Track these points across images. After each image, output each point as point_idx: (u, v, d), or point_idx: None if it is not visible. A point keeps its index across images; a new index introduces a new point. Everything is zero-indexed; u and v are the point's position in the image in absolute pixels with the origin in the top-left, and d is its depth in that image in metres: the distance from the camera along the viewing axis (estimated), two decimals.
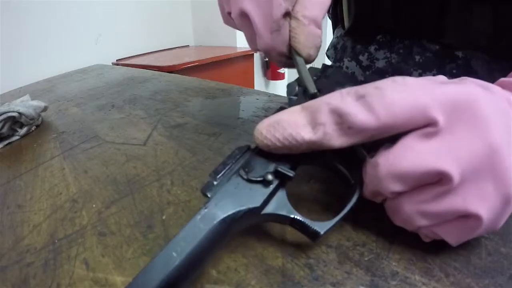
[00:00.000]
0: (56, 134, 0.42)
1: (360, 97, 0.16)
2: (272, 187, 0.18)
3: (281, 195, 0.18)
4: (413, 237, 0.19)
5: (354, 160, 0.19)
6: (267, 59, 2.02)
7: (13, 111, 0.41)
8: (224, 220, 0.16)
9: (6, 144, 0.41)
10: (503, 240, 0.18)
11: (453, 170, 0.15)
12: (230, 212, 0.17)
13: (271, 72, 2.04)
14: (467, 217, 0.16)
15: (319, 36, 0.24)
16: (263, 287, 0.16)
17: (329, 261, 0.18)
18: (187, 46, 1.94)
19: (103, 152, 0.34)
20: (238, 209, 0.17)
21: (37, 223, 0.24)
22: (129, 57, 1.59)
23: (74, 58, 1.20)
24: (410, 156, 0.15)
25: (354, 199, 0.19)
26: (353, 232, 0.19)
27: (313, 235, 0.18)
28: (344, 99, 0.17)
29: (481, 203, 0.15)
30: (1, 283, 0.19)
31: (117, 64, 1.41)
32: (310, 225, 0.17)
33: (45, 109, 0.48)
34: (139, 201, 0.25)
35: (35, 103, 0.47)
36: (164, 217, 0.22)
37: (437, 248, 0.18)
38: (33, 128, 0.45)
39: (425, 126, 0.16)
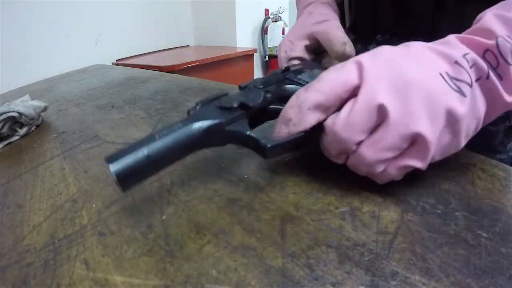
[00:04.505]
0: (56, 134, 0.42)
1: (307, 88, 0.22)
2: (236, 113, 0.23)
3: (244, 121, 0.24)
4: (413, 237, 0.19)
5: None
6: (267, 59, 2.02)
7: (13, 111, 0.41)
8: (198, 126, 0.21)
9: (6, 144, 0.41)
10: (503, 240, 0.18)
11: (386, 100, 0.19)
12: (202, 122, 0.22)
13: None
14: (416, 141, 0.19)
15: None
16: (263, 287, 0.16)
17: (329, 261, 0.18)
18: (187, 46, 1.94)
19: (103, 152, 0.34)
20: (209, 121, 0.22)
21: (37, 223, 0.24)
22: (129, 57, 1.59)
23: (74, 58, 1.20)
24: (352, 109, 0.20)
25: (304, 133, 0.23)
26: (353, 232, 0.19)
27: (263, 150, 0.22)
28: (297, 96, 0.22)
29: (420, 122, 0.19)
30: (1, 283, 0.19)
31: (117, 64, 1.41)
32: (260, 140, 0.22)
33: (45, 109, 0.48)
34: (139, 201, 0.25)
35: (35, 103, 0.47)
36: (164, 217, 0.22)
37: (437, 247, 0.18)
38: (33, 128, 0.45)
39: (357, 88, 0.20)
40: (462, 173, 0.24)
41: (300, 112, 0.22)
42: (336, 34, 0.34)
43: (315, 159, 0.28)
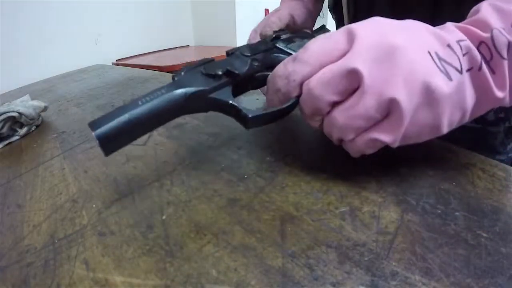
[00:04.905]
0: (56, 134, 0.42)
1: (294, 58, 0.22)
2: (221, 80, 0.23)
3: (228, 89, 0.24)
4: (413, 237, 0.19)
5: None
6: None
7: (13, 111, 0.41)
8: (180, 93, 0.22)
9: (6, 144, 0.41)
10: (503, 240, 0.18)
11: (362, 66, 0.19)
12: (185, 88, 0.22)
13: None
14: (390, 112, 0.19)
15: None
16: (263, 287, 0.16)
17: (329, 261, 0.18)
18: (187, 46, 1.94)
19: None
20: (192, 88, 0.22)
21: (37, 223, 0.24)
22: (129, 57, 1.59)
23: (74, 58, 1.20)
24: (327, 68, 0.20)
25: (288, 103, 0.23)
26: (353, 232, 0.19)
27: (244, 119, 0.22)
28: (284, 65, 0.23)
29: (395, 89, 0.18)
30: (1, 283, 0.19)
31: (117, 64, 1.41)
32: (242, 110, 0.22)
33: (45, 109, 0.48)
34: (139, 201, 0.25)
35: (35, 103, 0.47)
36: (164, 217, 0.22)
37: (437, 247, 0.18)
38: (33, 128, 0.45)
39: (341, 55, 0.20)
40: (462, 173, 0.24)
41: (288, 84, 0.22)
42: (271, 19, 0.37)
43: (315, 159, 0.28)
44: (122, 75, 0.77)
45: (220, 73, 0.23)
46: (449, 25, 0.22)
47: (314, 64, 0.21)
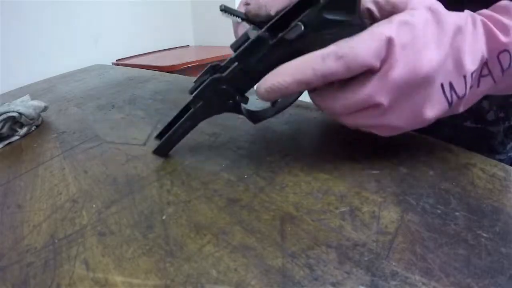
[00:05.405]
0: (56, 134, 0.42)
1: (338, 57, 0.20)
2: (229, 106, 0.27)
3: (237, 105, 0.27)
4: (413, 237, 0.19)
5: None
6: None
7: (13, 111, 0.41)
8: (196, 119, 0.28)
9: (6, 144, 0.41)
10: (503, 240, 0.18)
11: (385, 101, 0.21)
12: (201, 116, 0.28)
13: None
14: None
15: None
16: (263, 287, 0.16)
17: (329, 261, 0.18)
18: (187, 46, 1.94)
19: (103, 152, 0.34)
20: (206, 114, 0.28)
21: (37, 223, 0.24)
22: (129, 57, 1.59)
23: (74, 58, 1.20)
24: (353, 93, 0.21)
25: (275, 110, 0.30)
26: (353, 232, 0.19)
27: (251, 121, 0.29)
28: (324, 60, 0.20)
29: (402, 119, 0.22)
30: (1, 283, 0.19)
31: (117, 64, 1.41)
32: (247, 117, 0.29)
33: (45, 109, 0.48)
34: (139, 201, 0.25)
35: (35, 103, 0.47)
36: (164, 217, 0.22)
37: (437, 247, 0.18)
38: (33, 128, 0.45)
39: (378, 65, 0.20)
40: (462, 173, 0.24)
41: (316, 78, 0.20)
42: None
43: (315, 159, 0.28)
44: (122, 75, 0.77)
45: (228, 102, 0.27)
46: (480, 37, 0.21)
47: (354, 70, 0.20)
